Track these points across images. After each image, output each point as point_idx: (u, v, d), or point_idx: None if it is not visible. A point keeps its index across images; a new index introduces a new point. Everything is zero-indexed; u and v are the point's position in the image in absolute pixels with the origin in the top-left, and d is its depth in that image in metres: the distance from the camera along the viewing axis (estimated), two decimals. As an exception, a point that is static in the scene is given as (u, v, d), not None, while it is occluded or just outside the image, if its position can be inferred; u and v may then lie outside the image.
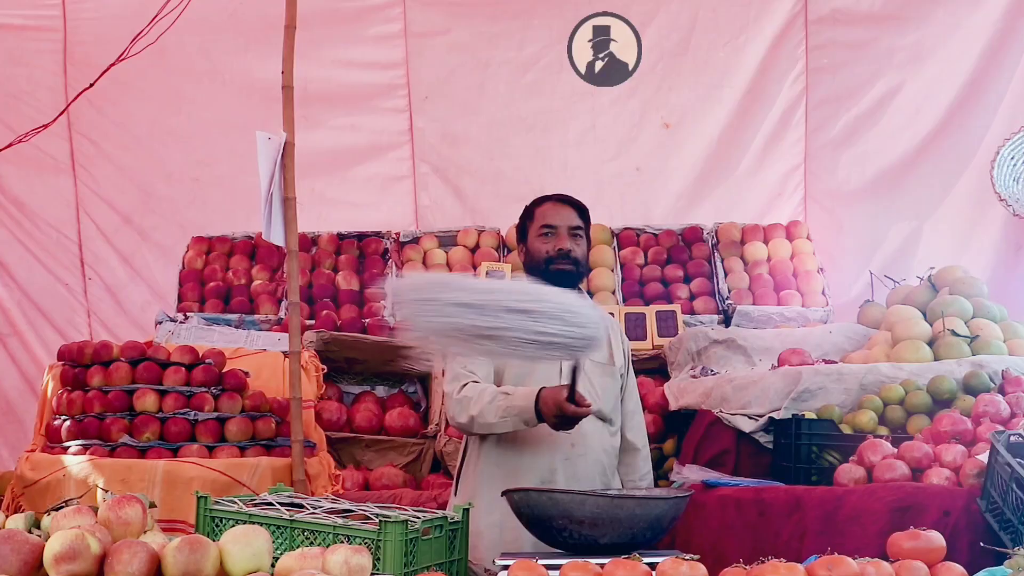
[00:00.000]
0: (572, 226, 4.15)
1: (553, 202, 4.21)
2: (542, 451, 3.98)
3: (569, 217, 4.17)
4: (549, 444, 3.97)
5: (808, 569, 2.93)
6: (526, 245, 4.21)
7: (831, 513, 4.05)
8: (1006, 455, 3.66)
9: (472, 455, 4.10)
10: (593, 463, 4.06)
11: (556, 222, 4.14)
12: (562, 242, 4.11)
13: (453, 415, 3.99)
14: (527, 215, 4.25)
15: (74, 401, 5.10)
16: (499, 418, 3.86)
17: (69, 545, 2.74)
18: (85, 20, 6.93)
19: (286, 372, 5.29)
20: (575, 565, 2.97)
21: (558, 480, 3.97)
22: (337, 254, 6.64)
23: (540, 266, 4.11)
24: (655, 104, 7.16)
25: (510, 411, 3.85)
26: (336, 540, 3.12)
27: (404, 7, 7.09)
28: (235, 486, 4.73)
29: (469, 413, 3.90)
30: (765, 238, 6.67)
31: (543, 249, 4.12)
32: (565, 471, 3.99)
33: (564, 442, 3.98)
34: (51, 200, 7.16)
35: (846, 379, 4.93)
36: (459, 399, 3.93)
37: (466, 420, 3.92)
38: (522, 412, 3.83)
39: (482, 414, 3.88)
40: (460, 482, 4.13)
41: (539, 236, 4.15)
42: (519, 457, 3.98)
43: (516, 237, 4.33)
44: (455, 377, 3.99)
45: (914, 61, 6.90)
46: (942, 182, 6.91)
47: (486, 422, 3.88)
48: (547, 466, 3.98)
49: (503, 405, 3.86)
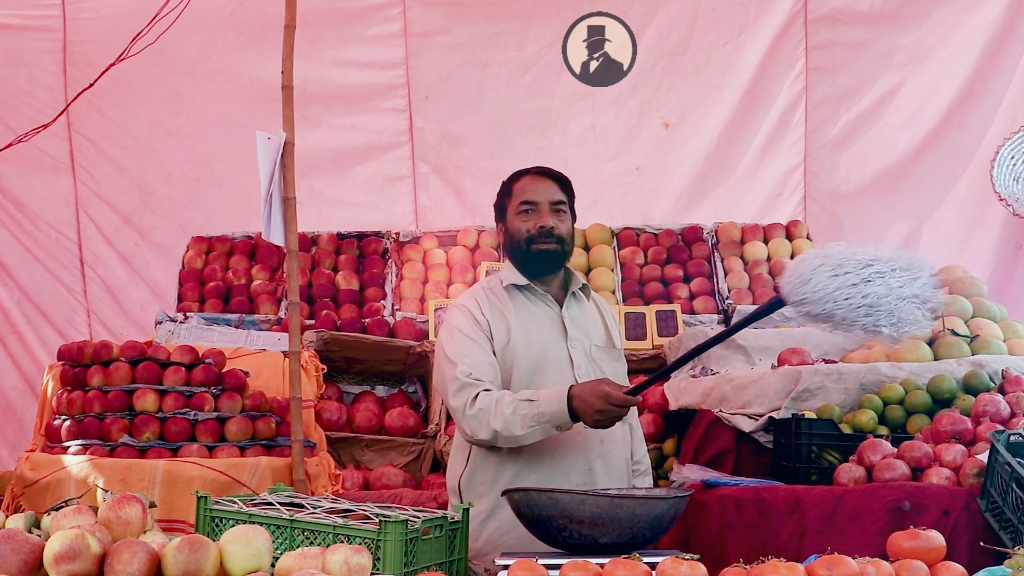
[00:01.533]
0: (554, 201, 3.84)
1: (532, 175, 3.89)
2: (575, 451, 3.76)
3: (550, 191, 3.85)
4: (580, 443, 3.76)
5: (808, 569, 2.92)
6: (505, 224, 3.91)
7: (831, 513, 4.05)
8: (1006, 455, 3.66)
9: (486, 463, 3.80)
10: (621, 455, 3.90)
11: (536, 197, 3.82)
12: (544, 219, 3.80)
13: (471, 431, 3.65)
14: (504, 191, 3.93)
15: (74, 401, 5.10)
16: (527, 428, 3.58)
17: (69, 545, 2.74)
18: (85, 20, 6.93)
19: (286, 372, 5.29)
20: (575, 565, 2.97)
21: (597, 478, 3.77)
22: (337, 254, 6.64)
23: (521, 247, 3.83)
24: (655, 104, 7.17)
25: (540, 419, 3.57)
26: (336, 540, 3.12)
27: (404, 7, 7.10)
28: (235, 486, 4.72)
29: (491, 428, 3.60)
30: (765, 238, 6.68)
31: (523, 228, 3.82)
32: (601, 468, 3.80)
33: (594, 438, 3.78)
34: (51, 200, 7.16)
35: (846, 379, 4.93)
36: (473, 414, 3.63)
37: (488, 436, 3.62)
38: (554, 417, 3.56)
39: (507, 427, 3.59)
40: (465, 490, 3.83)
41: (519, 214, 3.84)
42: (554, 460, 3.75)
43: (495, 216, 3.98)
44: (460, 388, 3.68)
45: (914, 61, 6.91)
46: (942, 182, 6.92)
47: (512, 435, 3.59)
48: (584, 466, 3.77)
49: (530, 413, 3.58)
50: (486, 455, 3.79)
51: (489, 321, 3.81)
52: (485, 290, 3.93)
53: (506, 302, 3.86)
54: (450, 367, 3.74)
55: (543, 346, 3.82)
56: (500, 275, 3.94)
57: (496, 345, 3.79)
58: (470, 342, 3.77)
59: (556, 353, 3.82)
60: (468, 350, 3.75)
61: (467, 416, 3.65)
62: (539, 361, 3.79)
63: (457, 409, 3.69)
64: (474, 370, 3.71)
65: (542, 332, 3.84)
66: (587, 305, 4.00)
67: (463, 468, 3.86)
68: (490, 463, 3.79)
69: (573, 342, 3.86)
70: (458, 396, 3.68)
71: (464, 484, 3.84)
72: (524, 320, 3.84)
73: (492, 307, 3.85)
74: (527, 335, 3.82)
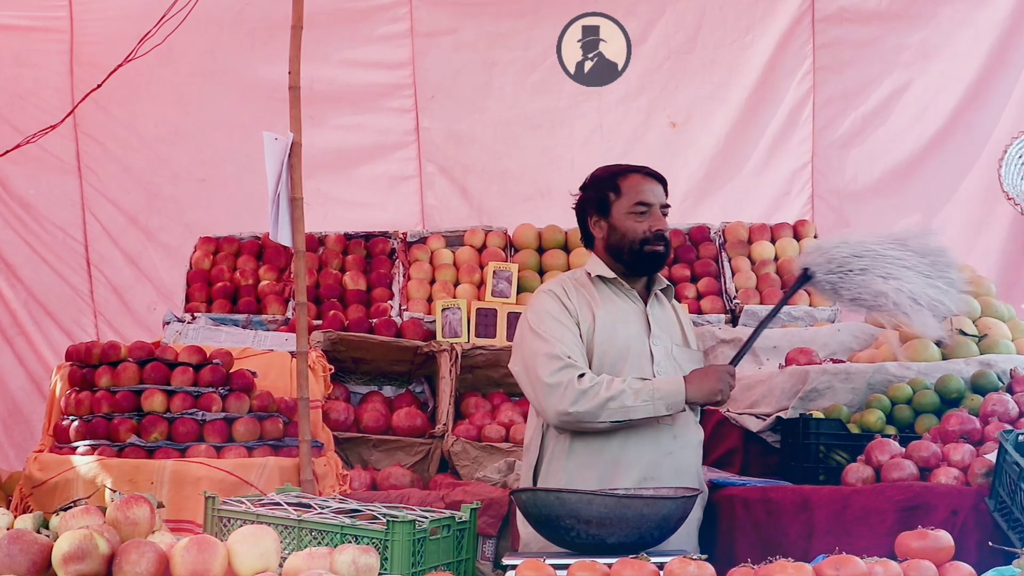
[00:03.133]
0: (664, 204, 3.97)
1: (643, 175, 3.99)
2: (644, 446, 3.80)
3: (660, 194, 3.97)
4: (652, 438, 3.81)
5: (816, 569, 2.92)
6: (609, 221, 3.96)
7: (839, 513, 4.04)
8: (1014, 454, 3.65)
9: (556, 453, 3.86)
10: (692, 455, 3.95)
11: (651, 199, 3.93)
12: (658, 222, 3.92)
13: (570, 405, 3.70)
14: (610, 187, 3.98)
15: (82, 401, 5.11)
16: (640, 401, 3.69)
17: (78, 545, 2.74)
18: (92, 21, 6.94)
19: (293, 372, 5.29)
20: (583, 565, 2.97)
21: (662, 475, 3.80)
22: (344, 254, 6.64)
23: (633, 246, 3.90)
24: (662, 103, 7.16)
25: (654, 394, 3.69)
26: (344, 540, 3.12)
27: (410, 7, 7.10)
28: (243, 486, 4.73)
29: (601, 396, 3.67)
30: (772, 237, 6.66)
31: (639, 228, 3.90)
32: (669, 466, 3.84)
33: (667, 435, 3.83)
34: (57, 201, 7.17)
35: (854, 378, 4.92)
36: (583, 389, 3.69)
37: (593, 406, 3.68)
38: (668, 395, 3.70)
39: (617, 397, 3.67)
40: (539, 483, 3.89)
41: (631, 214, 3.91)
42: (620, 453, 3.80)
43: (588, 209, 4.03)
44: (563, 367, 3.73)
45: (921, 59, 6.90)
46: (949, 181, 6.91)
47: (623, 405, 3.67)
48: (650, 461, 3.81)
49: (644, 388, 3.70)
50: (567, 441, 3.83)
51: (577, 308, 3.88)
52: (571, 280, 4.00)
53: (593, 293, 3.93)
54: (545, 345, 3.79)
55: (627, 339, 3.88)
56: (586, 268, 4.02)
57: (582, 332, 3.86)
58: (561, 326, 3.84)
59: (638, 347, 3.89)
60: (560, 333, 3.83)
61: (575, 391, 3.70)
62: (622, 353, 3.85)
63: (557, 385, 3.73)
64: (571, 353, 3.78)
65: (627, 325, 3.91)
66: (667, 306, 4.07)
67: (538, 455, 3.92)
68: (558, 447, 3.85)
69: (656, 339, 3.93)
70: (559, 373, 3.73)
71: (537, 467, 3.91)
72: (610, 312, 3.90)
73: (579, 296, 3.92)
74: (612, 327, 3.88)
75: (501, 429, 5.50)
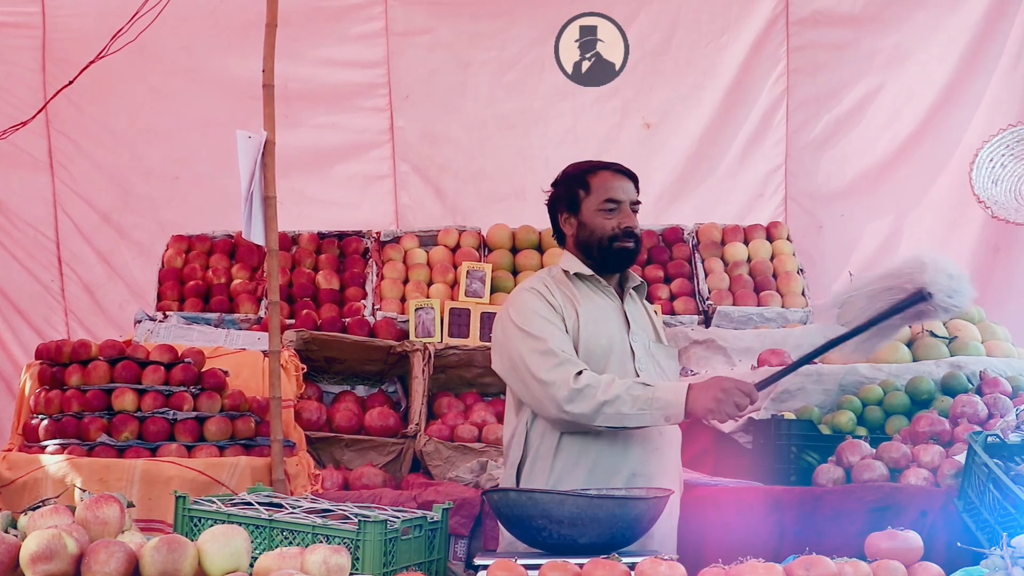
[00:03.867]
0: (633, 201, 3.94)
1: (612, 172, 3.95)
2: (633, 443, 3.78)
3: (630, 191, 3.94)
4: (641, 436, 3.78)
5: (786, 569, 2.93)
6: (579, 218, 3.93)
7: (810, 513, 4.06)
8: (983, 456, 3.68)
9: (542, 452, 3.82)
10: (676, 452, 3.94)
11: (621, 196, 3.90)
12: (628, 219, 3.89)
13: (566, 403, 3.63)
14: (579, 184, 3.95)
15: (52, 400, 5.07)
16: (637, 410, 3.61)
17: (46, 545, 2.72)
18: (64, 17, 6.89)
19: (266, 371, 5.26)
20: (554, 565, 2.97)
21: (651, 471, 3.78)
22: (317, 253, 6.62)
23: (602, 243, 3.88)
24: (636, 104, 7.17)
25: (653, 404, 3.61)
26: (315, 540, 3.11)
27: (386, 6, 7.08)
28: (214, 486, 4.71)
29: (597, 400, 3.60)
30: (745, 238, 6.69)
31: (607, 225, 3.87)
32: (656, 462, 3.82)
33: (654, 432, 3.80)
34: (28, 198, 7.11)
35: (825, 380, 4.94)
36: (579, 388, 3.62)
37: (588, 409, 3.62)
38: (667, 405, 3.60)
39: (613, 403, 3.60)
40: (523, 482, 3.84)
41: (600, 211, 3.89)
42: (609, 450, 3.76)
43: (559, 206, 3.99)
44: (559, 363, 3.67)
45: (894, 63, 6.93)
46: (921, 183, 6.95)
47: (619, 412, 3.61)
48: (639, 458, 3.79)
49: (644, 396, 3.62)
50: (555, 439, 3.79)
51: (562, 305, 3.86)
52: (550, 277, 3.98)
53: (573, 290, 3.91)
54: (537, 343, 3.74)
55: (609, 336, 3.86)
56: (562, 265, 3.98)
57: (567, 329, 3.83)
58: (548, 323, 3.81)
59: (620, 344, 3.87)
60: (550, 330, 3.78)
61: (569, 389, 3.64)
62: (605, 350, 3.83)
63: (552, 383, 3.67)
64: (564, 348, 3.74)
65: (608, 322, 3.89)
66: (639, 303, 4.07)
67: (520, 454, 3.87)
68: (544, 444, 3.80)
69: (635, 335, 3.91)
70: (555, 370, 3.67)
71: (521, 466, 3.86)
72: (591, 309, 3.89)
73: (561, 293, 3.90)
74: (595, 323, 3.86)
75: (474, 429, 5.50)
